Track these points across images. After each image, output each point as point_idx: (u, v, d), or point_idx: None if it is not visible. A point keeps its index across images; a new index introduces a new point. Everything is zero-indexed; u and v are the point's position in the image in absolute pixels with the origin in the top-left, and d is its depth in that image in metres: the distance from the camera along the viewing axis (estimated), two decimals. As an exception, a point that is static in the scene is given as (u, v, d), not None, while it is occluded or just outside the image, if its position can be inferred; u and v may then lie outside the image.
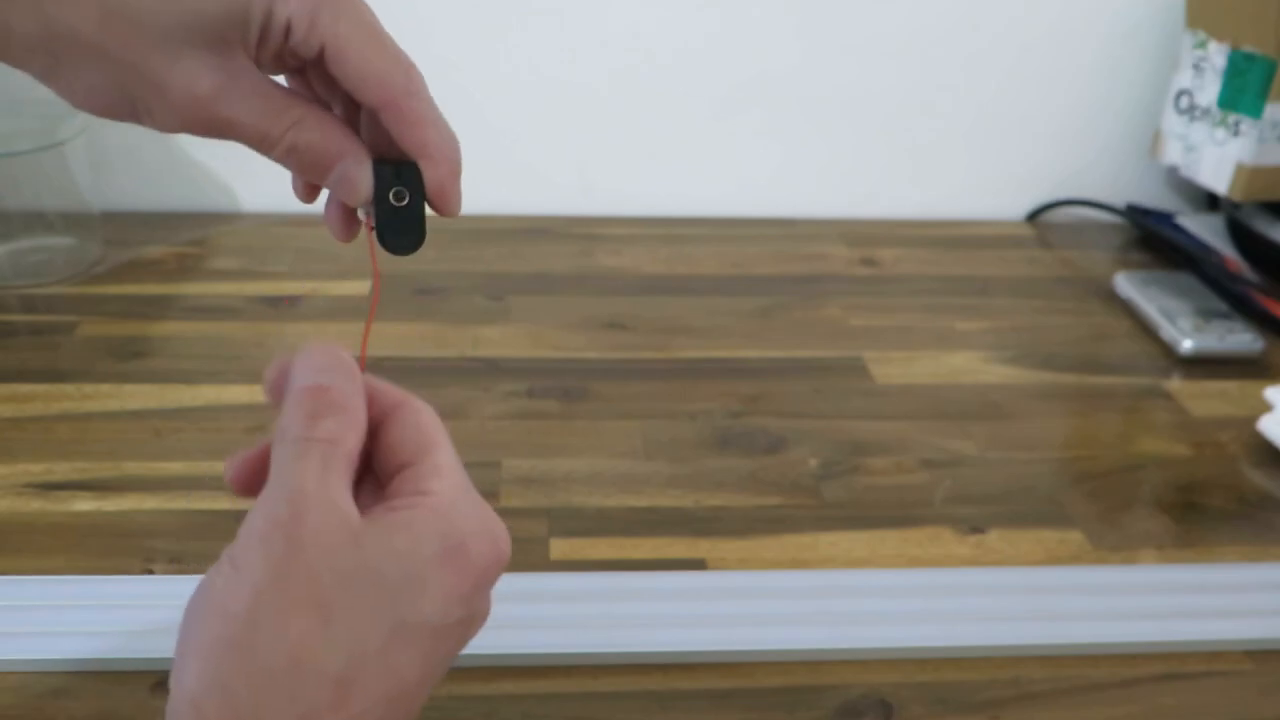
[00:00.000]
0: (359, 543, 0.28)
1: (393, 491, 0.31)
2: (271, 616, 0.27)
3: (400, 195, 0.36)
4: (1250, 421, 0.67)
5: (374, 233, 0.36)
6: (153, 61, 0.32)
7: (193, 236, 0.87)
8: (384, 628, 0.28)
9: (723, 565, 0.55)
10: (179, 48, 0.32)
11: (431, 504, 0.30)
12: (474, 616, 0.31)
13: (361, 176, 0.35)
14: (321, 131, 0.34)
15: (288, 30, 0.33)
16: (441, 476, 0.31)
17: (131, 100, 0.33)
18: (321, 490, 0.29)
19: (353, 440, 0.31)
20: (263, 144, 0.34)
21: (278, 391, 0.32)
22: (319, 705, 0.27)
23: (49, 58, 0.32)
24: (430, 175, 0.35)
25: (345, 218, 0.37)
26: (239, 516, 0.33)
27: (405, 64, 0.34)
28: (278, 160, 0.35)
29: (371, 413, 0.33)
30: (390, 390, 0.34)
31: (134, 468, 0.59)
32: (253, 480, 0.31)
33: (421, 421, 0.33)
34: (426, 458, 0.32)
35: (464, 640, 0.31)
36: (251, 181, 0.92)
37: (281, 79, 0.36)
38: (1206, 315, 0.77)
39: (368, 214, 0.36)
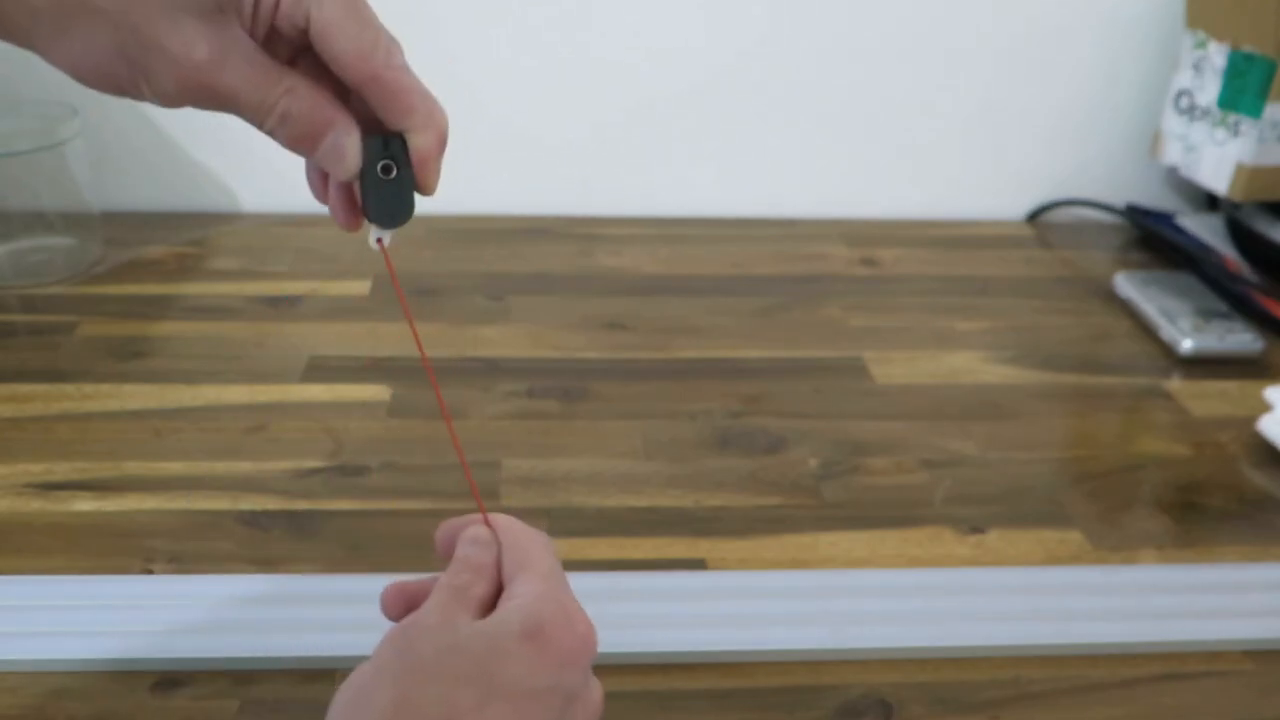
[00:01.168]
0: (457, 633, 0.34)
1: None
2: (387, 681, 0.33)
3: (388, 169, 0.36)
4: (1250, 421, 0.67)
5: (363, 210, 0.37)
6: (154, 26, 0.33)
7: (193, 236, 0.87)
8: (477, 686, 0.33)
9: (723, 565, 0.55)
10: (179, 14, 0.33)
11: (515, 604, 0.36)
12: (571, 692, 0.35)
13: (350, 147, 0.36)
14: (312, 100, 0.35)
15: (277, 2, 0.34)
16: (530, 585, 0.36)
17: (131, 67, 0.34)
18: (443, 610, 0.35)
19: (479, 589, 0.37)
20: (257, 112, 0.35)
21: (444, 549, 0.40)
22: None
23: (55, 21, 0.33)
24: (415, 143, 0.36)
25: (348, 204, 0.38)
26: (239, 516, 0.34)
27: (385, 39, 0.35)
28: (270, 131, 0.36)
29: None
30: (501, 526, 0.40)
31: (134, 468, 0.59)
32: (400, 606, 0.39)
33: (521, 546, 0.39)
34: (520, 573, 0.37)
35: (565, 712, 0.35)
36: (251, 181, 0.92)
37: None
38: (1206, 315, 0.77)
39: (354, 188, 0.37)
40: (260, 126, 0.36)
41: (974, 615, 0.52)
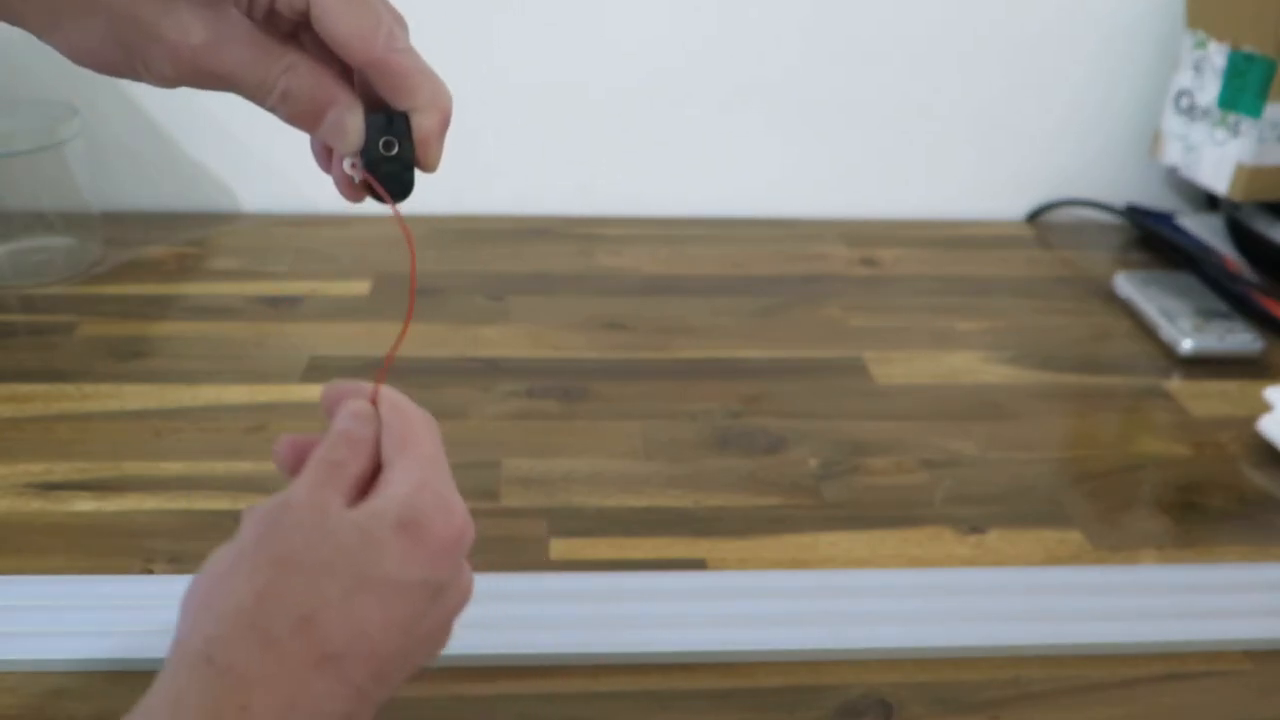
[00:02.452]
0: (327, 518, 0.33)
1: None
2: (247, 569, 0.32)
3: (390, 145, 0.36)
4: (1250, 421, 0.67)
5: (367, 184, 0.37)
6: (148, 13, 0.33)
7: (193, 236, 0.87)
8: (344, 579, 0.32)
9: (723, 565, 0.55)
10: (172, 1, 0.33)
11: (390, 492, 0.34)
12: (443, 586, 0.34)
13: (352, 123, 0.36)
14: (314, 77, 0.35)
15: None
16: (408, 471, 0.35)
17: (128, 51, 0.34)
18: (311, 491, 0.34)
19: (355, 468, 0.35)
20: (257, 91, 0.35)
21: (329, 409, 0.38)
22: (279, 633, 0.31)
23: (49, 11, 0.33)
24: (418, 123, 0.36)
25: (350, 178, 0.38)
26: (238, 516, 0.34)
27: (387, 20, 0.35)
28: (272, 108, 0.36)
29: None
30: (386, 394, 0.38)
31: (134, 468, 0.59)
32: (296, 461, 0.37)
33: (406, 425, 0.37)
34: (399, 458, 0.36)
35: (434, 604, 0.34)
36: (251, 181, 0.92)
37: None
38: (1206, 315, 0.77)
39: (354, 164, 0.37)
40: (261, 104, 0.36)
41: (974, 615, 0.52)
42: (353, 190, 0.38)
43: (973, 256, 0.90)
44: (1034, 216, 0.98)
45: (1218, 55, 0.84)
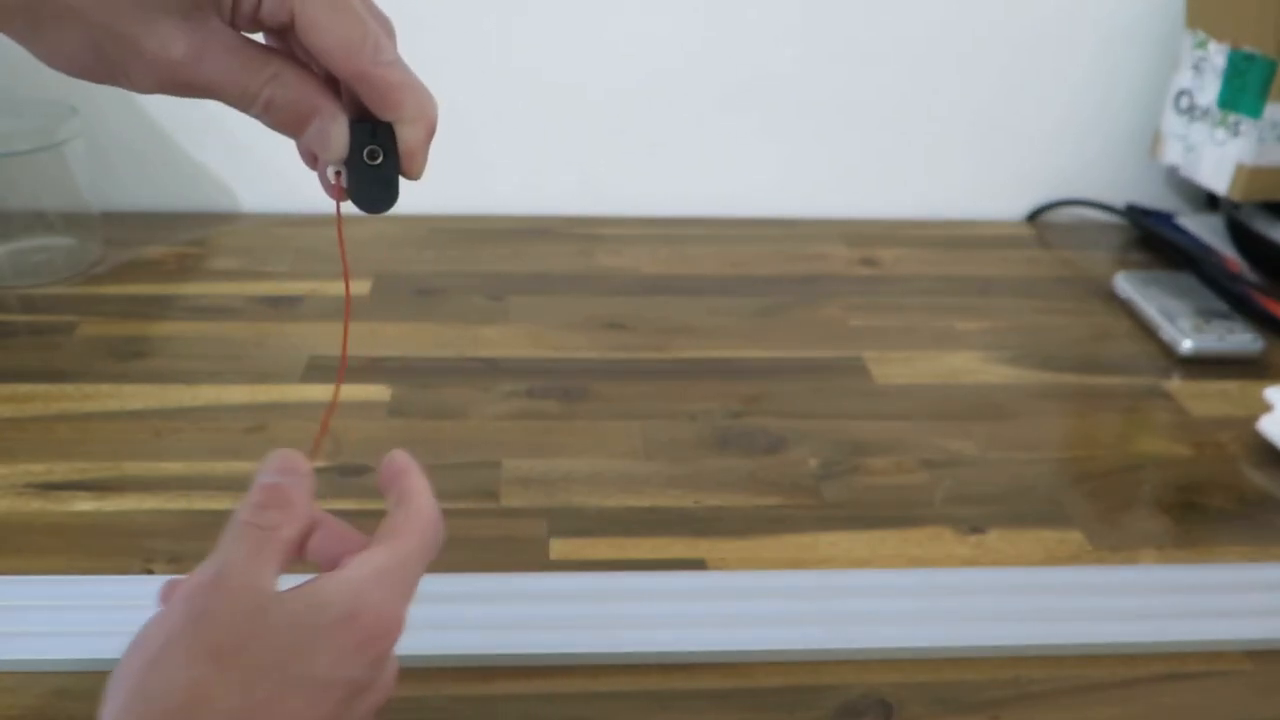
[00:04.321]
0: (265, 610, 0.32)
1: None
2: (180, 660, 0.31)
3: (374, 154, 0.36)
4: (1250, 421, 0.67)
5: (347, 194, 0.37)
6: (127, 26, 0.33)
7: (193, 236, 0.87)
8: (276, 678, 0.32)
9: (723, 565, 0.55)
10: (153, 14, 0.33)
11: (341, 575, 0.34)
12: (371, 681, 0.34)
13: (336, 133, 0.36)
14: (298, 87, 0.35)
15: (259, 1, 0.34)
16: (372, 561, 0.35)
17: (109, 63, 0.34)
18: (246, 566, 0.33)
19: (288, 531, 0.35)
20: (241, 100, 0.35)
21: (383, 488, 0.38)
22: None
23: (29, 18, 0.33)
24: (403, 134, 0.36)
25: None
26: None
27: (373, 31, 0.34)
28: (257, 116, 0.36)
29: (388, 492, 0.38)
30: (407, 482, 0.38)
31: (134, 468, 0.59)
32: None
33: (404, 516, 0.36)
34: (383, 539, 0.36)
35: (362, 698, 0.34)
36: (251, 181, 0.92)
37: (261, 37, 0.36)
38: (1206, 315, 0.77)
39: (339, 173, 0.37)
40: (246, 112, 0.35)
41: (974, 615, 0.52)
42: (336, 191, 0.38)
43: (973, 256, 0.90)
44: (1034, 216, 0.98)
45: (1218, 55, 0.84)
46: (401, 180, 0.37)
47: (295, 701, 0.32)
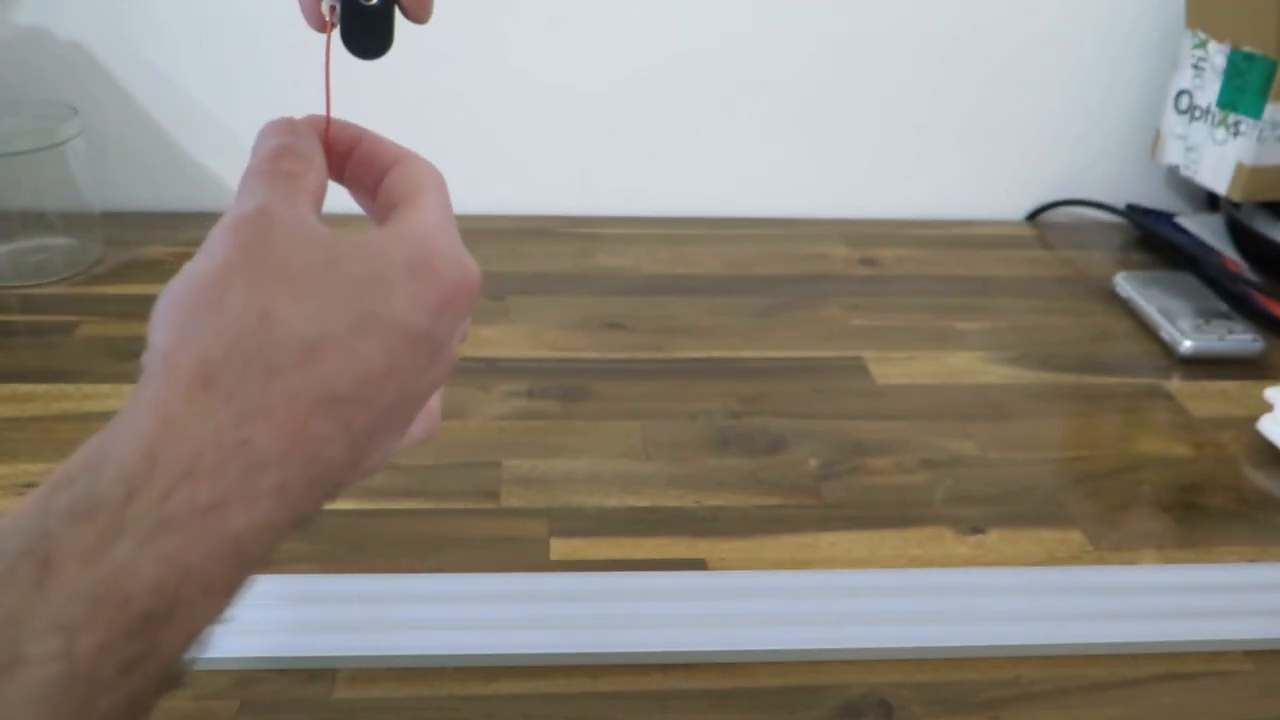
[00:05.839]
0: (329, 243, 0.29)
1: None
2: (243, 283, 0.28)
3: None
4: (1250, 421, 0.67)
5: (343, 40, 0.35)
6: None
7: (193, 236, 0.87)
8: (351, 311, 0.28)
9: (723, 565, 0.55)
10: None
11: (402, 229, 0.31)
12: (442, 342, 0.31)
13: None
14: None
15: None
16: (421, 211, 0.32)
17: None
18: (289, 203, 0.30)
19: (313, 179, 0.31)
20: None
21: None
22: (285, 361, 0.27)
23: None
24: None
25: (318, 4, 0.35)
26: None
27: None
28: None
29: (377, 167, 0.34)
30: (393, 146, 0.35)
31: (134, 468, 0.59)
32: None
33: (416, 171, 0.34)
34: (411, 199, 0.32)
35: (432, 362, 0.31)
36: (251, 181, 0.91)
37: None
38: (1206, 315, 0.77)
39: (333, 9, 0.34)
40: None
41: (974, 615, 0.52)
42: (321, 24, 0.35)
43: (973, 256, 0.90)
44: (1034, 216, 0.98)
45: (1218, 55, 0.84)
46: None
47: (371, 339, 0.29)
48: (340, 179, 0.35)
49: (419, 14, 0.35)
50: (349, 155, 0.35)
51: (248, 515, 0.26)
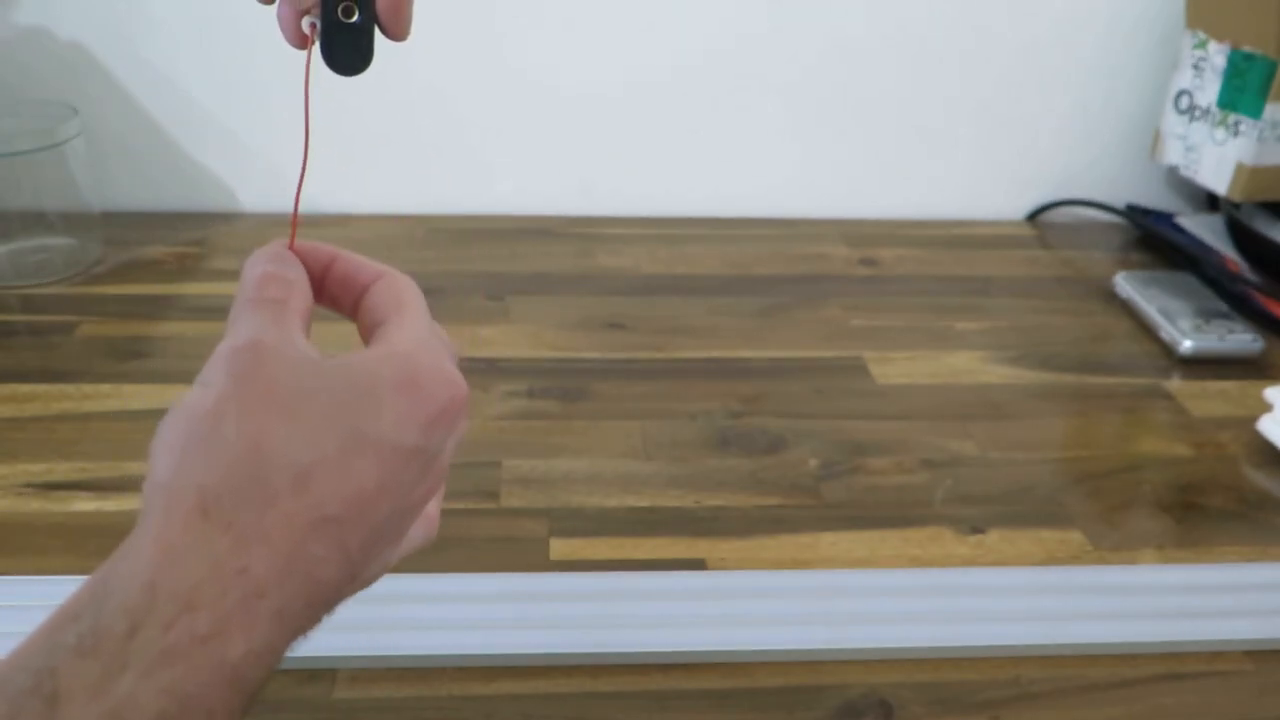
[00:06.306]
0: (317, 367, 0.31)
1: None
2: (235, 413, 0.29)
3: (349, 10, 0.34)
4: (1250, 421, 0.67)
5: (324, 58, 0.35)
6: None
7: (193, 236, 0.87)
8: (341, 434, 0.29)
9: (723, 565, 0.55)
10: None
11: (387, 349, 0.32)
12: (433, 456, 0.32)
13: None
14: None
15: None
16: (404, 329, 0.33)
17: None
18: (278, 329, 0.31)
19: (298, 302, 0.33)
20: None
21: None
22: (279, 490, 0.28)
23: None
24: None
25: (297, 20, 0.36)
26: None
27: None
28: None
29: (355, 286, 0.36)
30: (370, 265, 0.36)
31: (134, 468, 0.59)
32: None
33: (396, 288, 0.35)
34: (394, 317, 0.34)
35: (424, 475, 0.32)
36: (251, 181, 0.92)
37: None
38: (1206, 315, 0.77)
39: (313, 26, 0.34)
40: None
41: (974, 615, 0.52)
42: (297, 35, 0.35)
43: (973, 256, 0.90)
44: (1034, 216, 0.98)
45: (1218, 55, 0.84)
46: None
47: (363, 459, 0.30)
48: (319, 300, 0.36)
49: (398, 31, 0.35)
50: (324, 276, 0.36)
51: (247, 641, 0.27)
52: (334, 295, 0.36)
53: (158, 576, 0.27)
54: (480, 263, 0.84)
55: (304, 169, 0.37)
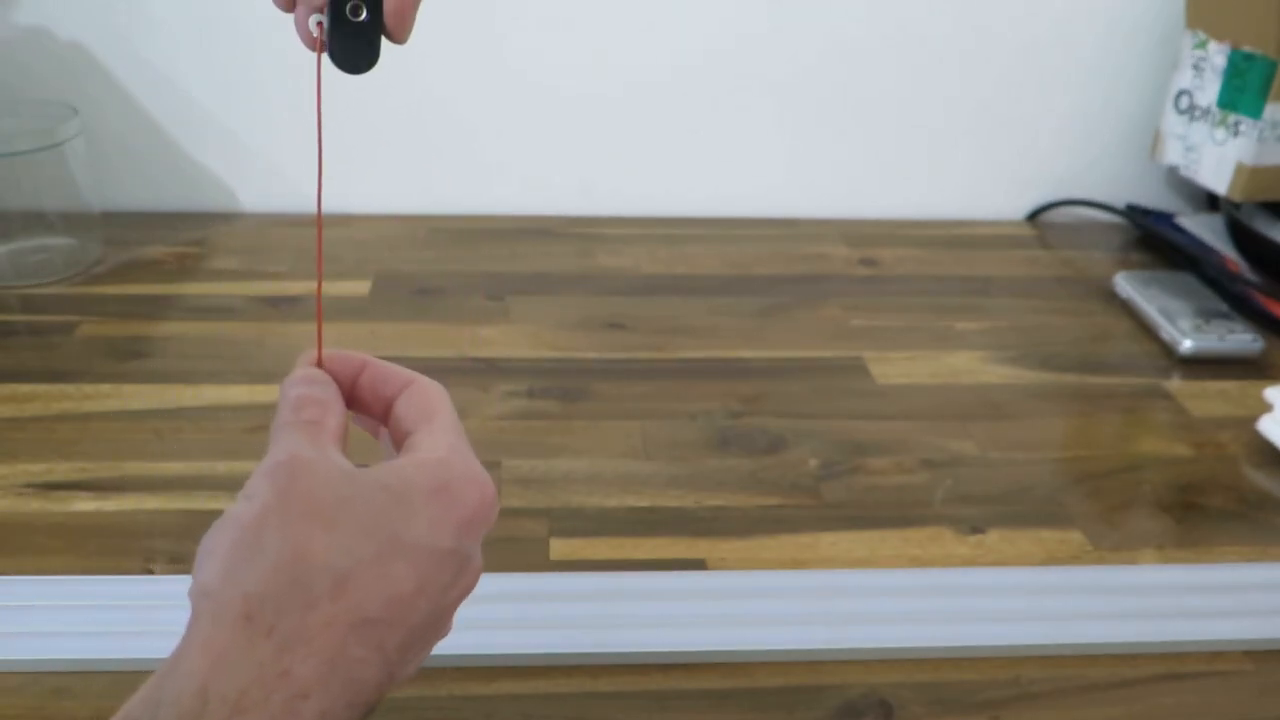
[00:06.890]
0: (353, 478, 0.32)
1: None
2: (277, 523, 0.30)
3: (357, 10, 0.35)
4: (1250, 421, 0.67)
5: (327, 53, 0.35)
6: None
7: (193, 236, 0.87)
8: (378, 539, 0.31)
9: (723, 565, 0.55)
10: None
11: (419, 456, 0.34)
12: (467, 557, 0.34)
13: None
14: None
15: None
16: (434, 436, 0.35)
17: None
18: (316, 446, 0.33)
19: (333, 421, 0.35)
20: None
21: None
22: (319, 593, 0.30)
23: None
24: None
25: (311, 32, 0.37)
26: None
27: None
28: None
29: (385, 393, 0.38)
30: (400, 372, 0.38)
31: (134, 468, 0.59)
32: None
33: (424, 395, 0.37)
34: (424, 425, 0.36)
35: (459, 577, 0.34)
36: (251, 181, 0.92)
37: None
38: (1206, 315, 0.77)
39: (320, 23, 0.35)
40: None
41: (974, 615, 0.52)
42: (314, 42, 0.36)
43: (973, 256, 0.90)
44: (1034, 216, 0.98)
45: (1218, 55, 0.84)
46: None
47: (400, 563, 0.31)
48: (350, 407, 0.38)
49: (399, 34, 0.36)
50: (354, 386, 0.38)
51: None
52: (365, 403, 0.38)
53: (208, 682, 0.28)
54: (481, 263, 0.84)
55: (319, 185, 0.38)
